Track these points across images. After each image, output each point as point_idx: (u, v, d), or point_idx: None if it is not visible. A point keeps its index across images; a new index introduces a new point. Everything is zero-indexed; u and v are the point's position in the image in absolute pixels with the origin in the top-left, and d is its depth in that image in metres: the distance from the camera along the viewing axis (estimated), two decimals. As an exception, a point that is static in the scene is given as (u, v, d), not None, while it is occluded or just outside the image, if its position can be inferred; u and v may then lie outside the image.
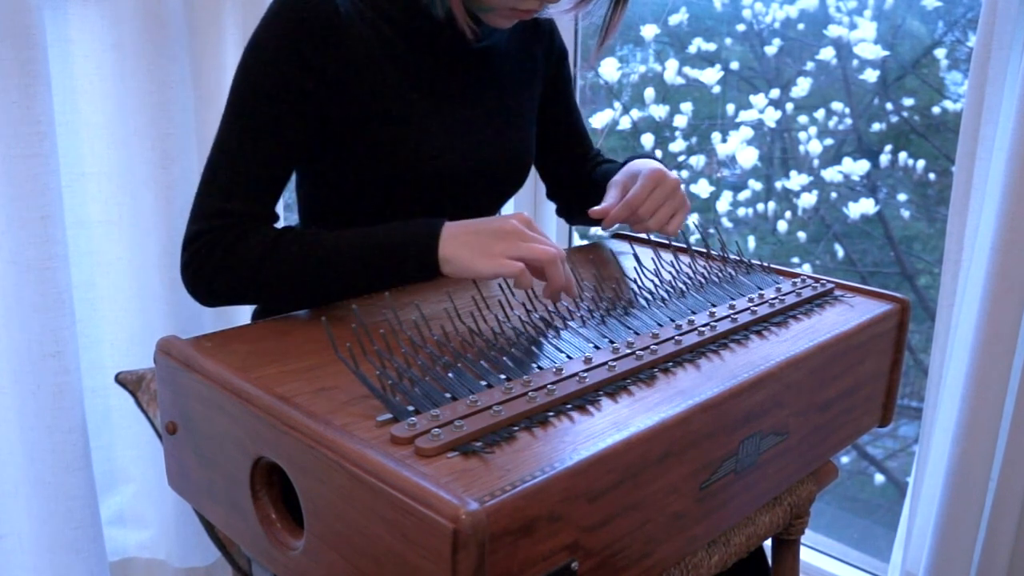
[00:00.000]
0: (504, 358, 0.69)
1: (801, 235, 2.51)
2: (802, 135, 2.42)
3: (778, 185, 2.50)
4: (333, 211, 0.96)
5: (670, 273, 0.92)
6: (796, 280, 0.95)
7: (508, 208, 1.09)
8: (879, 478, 2.45)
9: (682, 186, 0.97)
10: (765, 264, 0.99)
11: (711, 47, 2.48)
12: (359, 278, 0.82)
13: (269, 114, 0.85)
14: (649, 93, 2.52)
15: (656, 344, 0.73)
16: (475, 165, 0.96)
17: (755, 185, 2.53)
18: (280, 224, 0.89)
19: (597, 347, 0.73)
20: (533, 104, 1.07)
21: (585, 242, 1.00)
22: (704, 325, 0.79)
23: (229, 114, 0.87)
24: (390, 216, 0.91)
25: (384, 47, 0.90)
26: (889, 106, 2.34)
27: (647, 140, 2.54)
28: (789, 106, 2.41)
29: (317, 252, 0.82)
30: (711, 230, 0.99)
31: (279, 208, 0.93)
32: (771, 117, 2.41)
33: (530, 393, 0.63)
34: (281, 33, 0.85)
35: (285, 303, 0.84)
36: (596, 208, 0.96)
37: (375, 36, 0.89)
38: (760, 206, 2.55)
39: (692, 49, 2.49)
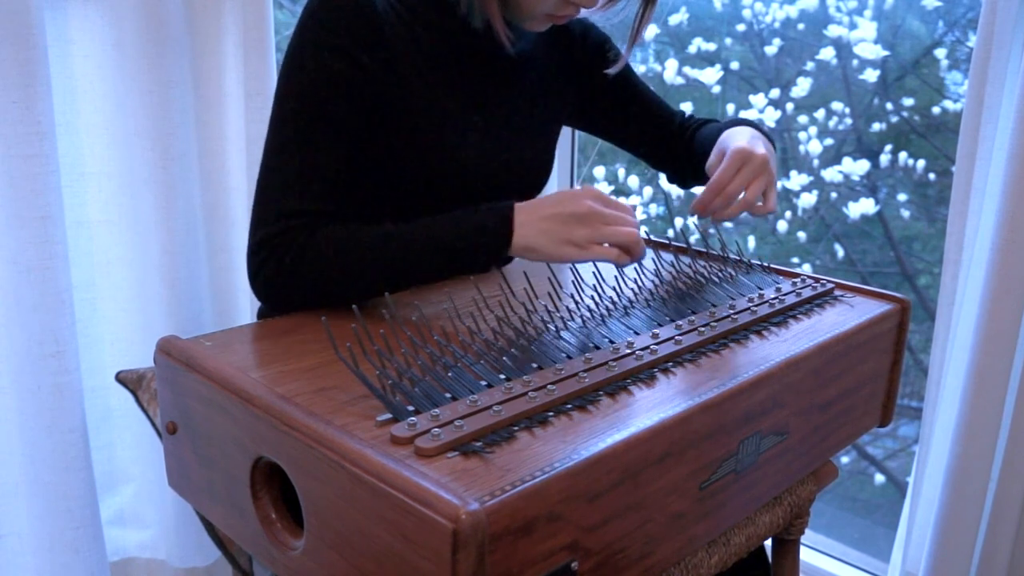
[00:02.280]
0: (504, 358, 0.69)
1: (801, 235, 2.51)
2: (802, 135, 2.42)
3: (778, 185, 2.50)
4: (358, 207, 0.96)
5: (670, 273, 0.92)
6: (796, 280, 0.95)
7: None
8: (879, 478, 2.45)
9: (773, 160, 0.93)
10: (765, 264, 0.99)
11: (711, 47, 2.48)
12: (433, 270, 0.83)
13: (320, 110, 0.85)
14: (649, 93, 2.52)
15: (656, 344, 0.73)
16: (499, 169, 0.96)
17: (755, 185, 2.53)
18: None
19: (597, 347, 0.73)
20: (561, 110, 1.07)
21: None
22: (704, 325, 0.79)
23: (278, 117, 0.86)
24: (412, 215, 0.91)
25: (417, 48, 0.90)
26: (889, 106, 2.34)
27: (647, 140, 2.54)
28: (789, 106, 2.41)
29: (391, 247, 0.81)
30: (711, 230, 0.99)
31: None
32: (771, 117, 2.41)
33: (530, 393, 0.63)
34: (321, 29, 0.85)
35: (356, 298, 0.83)
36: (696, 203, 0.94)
37: (409, 37, 0.90)
38: (760, 206, 2.54)
39: (692, 49, 2.49)
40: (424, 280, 0.84)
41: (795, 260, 2.52)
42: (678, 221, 2.58)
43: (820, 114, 2.39)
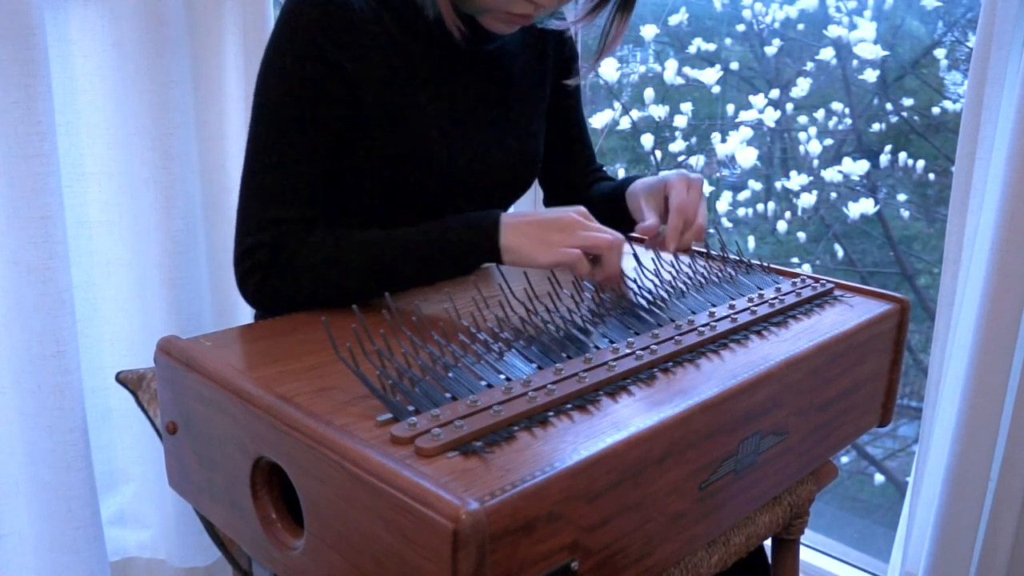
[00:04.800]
0: (504, 358, 0.69)
1: (801, 235, 2.52)
2: (802, 135, 2.42)
3: (778, 185, 2.50)
4: (343, 211, 0.96)
5: (670, 273, 0.92)
6: (796, 280, 0.95)
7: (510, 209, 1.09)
8: (879, 478, 2.45)
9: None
10: (765, 264, 0.99)
11: (711, 47, 2.48)
12: (423, 273, 0.84)
13: (299, 115, 0.85)
14: (649, 93, 2.52)
15: (656, 344, 0.73)
16: (484, 167, 0.96)
17: (755, 185, 2.53)
18: None
19: (597, 347, 0.73)
20: (542, 106, 1.07)
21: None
22: (704, 325, 0.79)
23: (258, 122, 0.86)
24: (399, 216, 0.91)
25: (397, 48, 0.90)
26: (889, 106, 2.34)
27: (647, 140, 2.54)
28: (789, 106, 2.42)
29: (380, 253, 0.83)
30: (711, 230, 0.99)
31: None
32: (771, 117, 2.41)
33: (530, 393, 0.63)
34: (299, 32, 0.85)
35: (347, 302, 0.84)
36: (644, 225, 0.95)
37: (388, 37, 0.90)
38: (760, 206, 2.55)
39: (692, 49, 2.49)
40: (413, 284, 0.85)
41: (795, 260, 2.52)
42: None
43: (820, 114, 2.39)
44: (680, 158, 2.56)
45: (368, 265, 0.82)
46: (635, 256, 0.97)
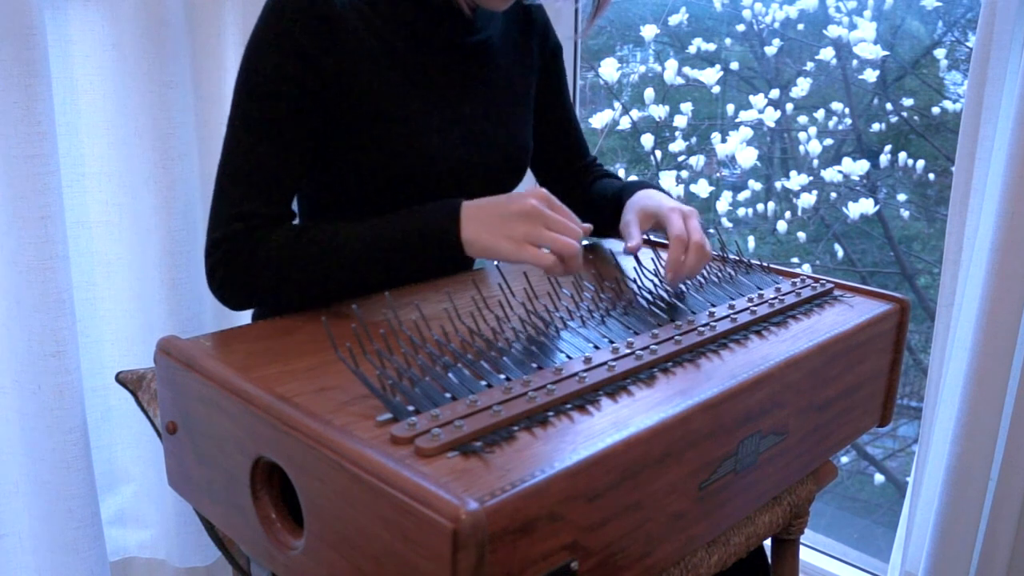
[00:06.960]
0: (504, 358, 0.69)
1: (801, 235, 2.52)
2: (802, 135, 2.42)
3: (778, 185, 2.51)
4: (330, 207, 0.96)
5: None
6: (795, 280, 0.95)
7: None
8: (879, 478, 2.46)
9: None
10: (765, 264, 0.99)
11: (711, 47, 2.48)
12: (385, 269, 0.82)
13: (274, 112, 0.85)
14: (649, 93, 2.52)
15: (656, 344, 0.73)
16: (472, 160, 0.96)
17: (755, 185, 2.54)
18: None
19: (597, 347, 0.73)
20: (529, 97, 1.07)
21: (585, 242, 0.99)
22: (704, 325, 0.79)
23: (235, 117, 0.87)
24: (386, 211, 0.91)
25: (380, 42, 0.90)
26: (889, 106, 2.35)
27: (647, 140, 2.54)
28: (789, 106, 2.42)
29: (340, 247, 0.82)
30: (711, 230, 0.99)
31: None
32: (771, 117, 2.41)
33: (530, 393, 0.63)
34: (279, 29, 0.85)
35: (312, 300, 0.84)
36: (631, 244, 0.92)
37: (371, 31, 0.89)
38: (760, 206, 2.55)
39: (692, 49, 2.49)
40: (380, 280, 0.83)
41: (795, 260, 2.52)
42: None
43: (820, 114, 2.39)
44: (680, 158, 2.56)
45: (327, 262, 0.82)
46: (635, 256, 0.97)
